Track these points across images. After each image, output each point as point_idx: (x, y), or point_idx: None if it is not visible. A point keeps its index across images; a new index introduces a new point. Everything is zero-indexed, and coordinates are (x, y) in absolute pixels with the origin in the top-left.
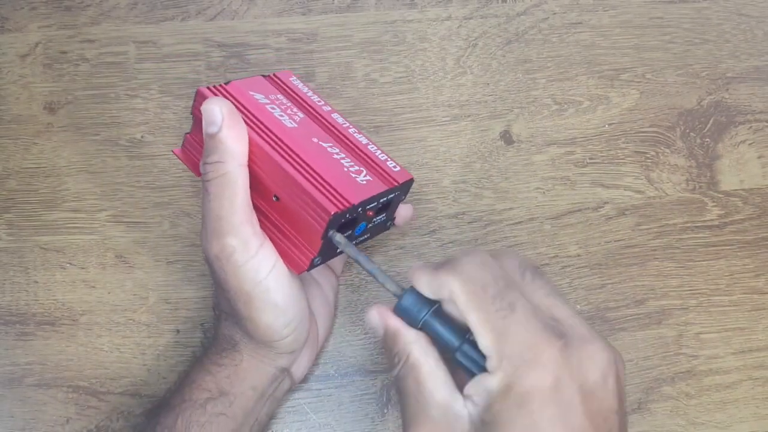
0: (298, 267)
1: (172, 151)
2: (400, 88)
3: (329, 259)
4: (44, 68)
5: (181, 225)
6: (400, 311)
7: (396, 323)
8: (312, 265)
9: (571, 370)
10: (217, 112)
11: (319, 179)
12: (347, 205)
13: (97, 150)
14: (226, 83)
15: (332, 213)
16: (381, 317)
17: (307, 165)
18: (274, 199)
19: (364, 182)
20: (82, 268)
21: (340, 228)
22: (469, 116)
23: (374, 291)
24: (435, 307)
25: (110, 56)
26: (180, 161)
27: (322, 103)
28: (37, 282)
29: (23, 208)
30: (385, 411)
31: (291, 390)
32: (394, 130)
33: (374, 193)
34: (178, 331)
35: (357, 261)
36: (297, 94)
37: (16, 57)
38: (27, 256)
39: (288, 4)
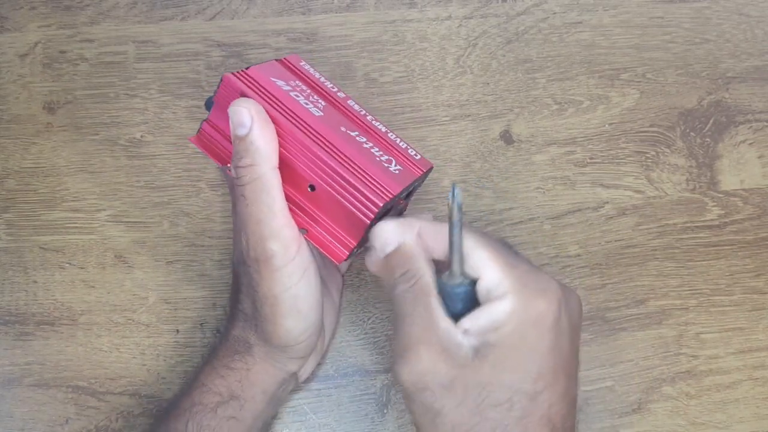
0: (338, 256)
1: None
2: (400, 87)
3: (362, 247)
4: (43, 68)
5: (180, 225)
6: (448, 290)
7: (416, 245)
8: (350, 255)
9: (566, 305)
10: (246, 113)
11: (359, 170)
12: (391, 195)
13: (96, 150)
14: (246, 69)
15: (381, 205)
16: (401, 231)
17: (345, 155)
18: (308, 189)
19: (397, 172)
20: (82, 268)
21: (378, 218)
22: (469, 116)
23: (374, 291)
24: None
25: (109, 56)
26: (198, 149)
27: (336, 89)
28: (36, 282)
29: (22, 208)
30: (385, 411)
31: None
32: (393, 129)
33: (409, 182)
34: (177, 331)
35: (453, 230)
36: (312, 80)
37: (16, 57)
38: (26, 256)
39: (288, 3)
